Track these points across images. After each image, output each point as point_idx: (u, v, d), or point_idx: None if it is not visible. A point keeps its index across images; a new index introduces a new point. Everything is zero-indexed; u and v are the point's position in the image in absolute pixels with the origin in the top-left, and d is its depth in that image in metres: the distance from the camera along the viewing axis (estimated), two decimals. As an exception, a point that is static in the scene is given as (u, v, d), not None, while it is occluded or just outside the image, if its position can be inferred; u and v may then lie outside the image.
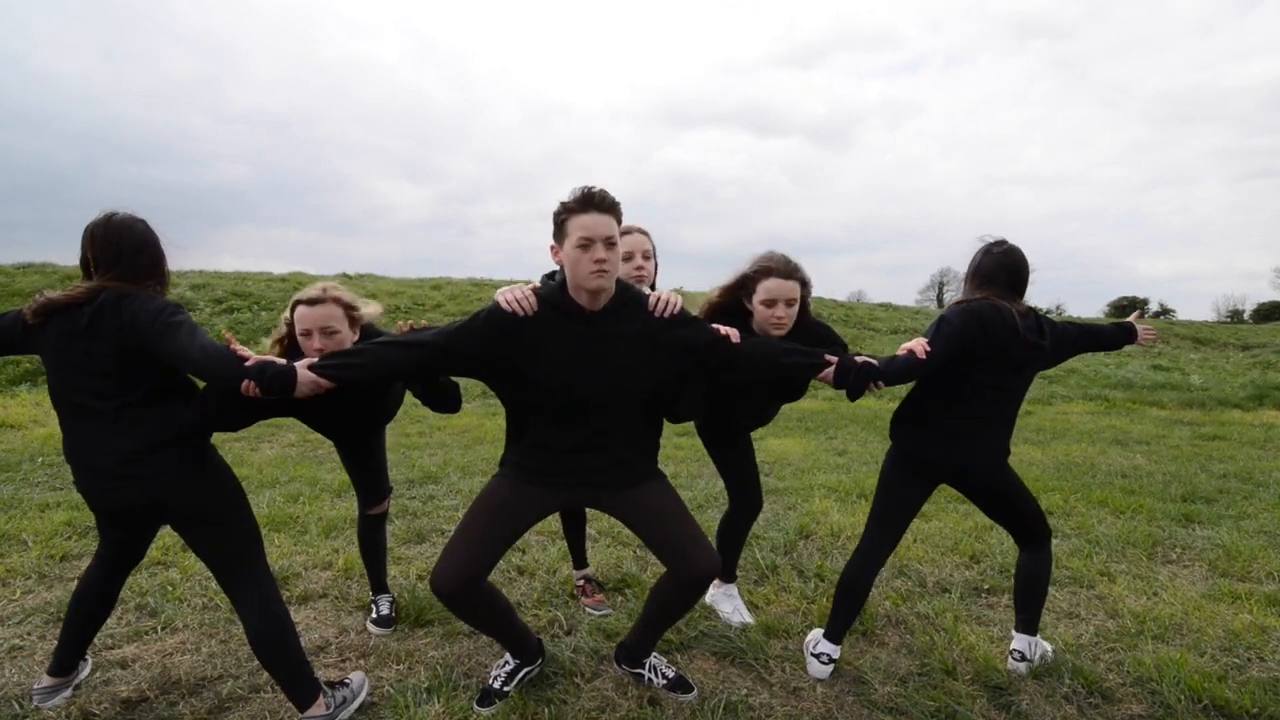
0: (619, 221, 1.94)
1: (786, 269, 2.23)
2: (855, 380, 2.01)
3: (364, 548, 2.70)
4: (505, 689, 2.15)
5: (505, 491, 2.04)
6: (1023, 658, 2.32)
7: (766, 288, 2.21)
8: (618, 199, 1.92)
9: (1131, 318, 2.52)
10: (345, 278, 17.70)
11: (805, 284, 2.28)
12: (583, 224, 1.85)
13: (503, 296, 1.94)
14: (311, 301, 2.08)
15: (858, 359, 2.02)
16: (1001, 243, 2.21)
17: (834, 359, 2.02)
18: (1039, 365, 2.26)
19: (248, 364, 1.72)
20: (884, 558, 2.33)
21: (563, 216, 1.90)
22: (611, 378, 1.96)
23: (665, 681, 2.19)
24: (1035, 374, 2.29)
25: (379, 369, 1.90)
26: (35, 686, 2.08)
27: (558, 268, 2.06)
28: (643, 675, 2.21)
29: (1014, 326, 2.10)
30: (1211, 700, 2.16)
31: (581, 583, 2.88)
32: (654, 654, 2.26)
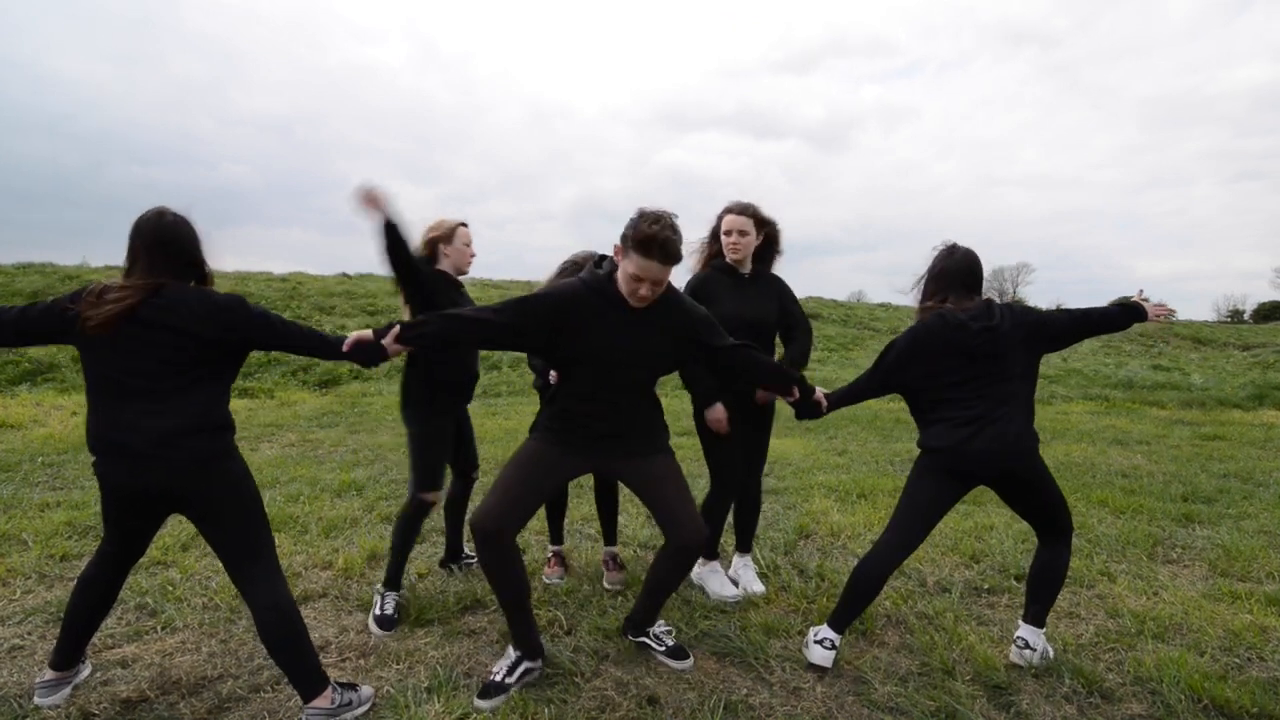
0: (674, 267, 2.13)
1: (739, 207, 2.88)
2: (806, 412, 2.43)
3: (453, 512, 3.11)
4: (507, 682, 2.17)
5: (539, 450, 2.26)
6: (1027, 645, 2.33)
7: (726, 221, 2.87)
8: (682, 251, 2.11)
9: (1135, 297, 2.49)
10: (345, 277, 17.71)
11: (763, 223, 2.91)
12: (643, 266, 2.06)
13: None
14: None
15: (815, 393, 2.41)
16: (956, 247, 2.40)
17: (799, 392, 2.38)
18: (1019, 348, 2.25)
19: (345, 348, 2.04)
20: (902, 558, 2.32)
21: (631, 242, 2.07)
22: (639, 359, 2.22)
23: (664, 649, 2.39)
24: (1026, 356, 2.27)
25: (450, 334, 2.15)
26: (37, 680, 2.09)
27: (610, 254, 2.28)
28: (646, 643, 2.42)
29: (961, 323, 2.25)
30: (1211, 700, 2.16)
31: (607, 558, 3.14)
32: (658, 624, 2.47)
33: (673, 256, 2.06)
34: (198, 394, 1.90)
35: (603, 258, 2.30)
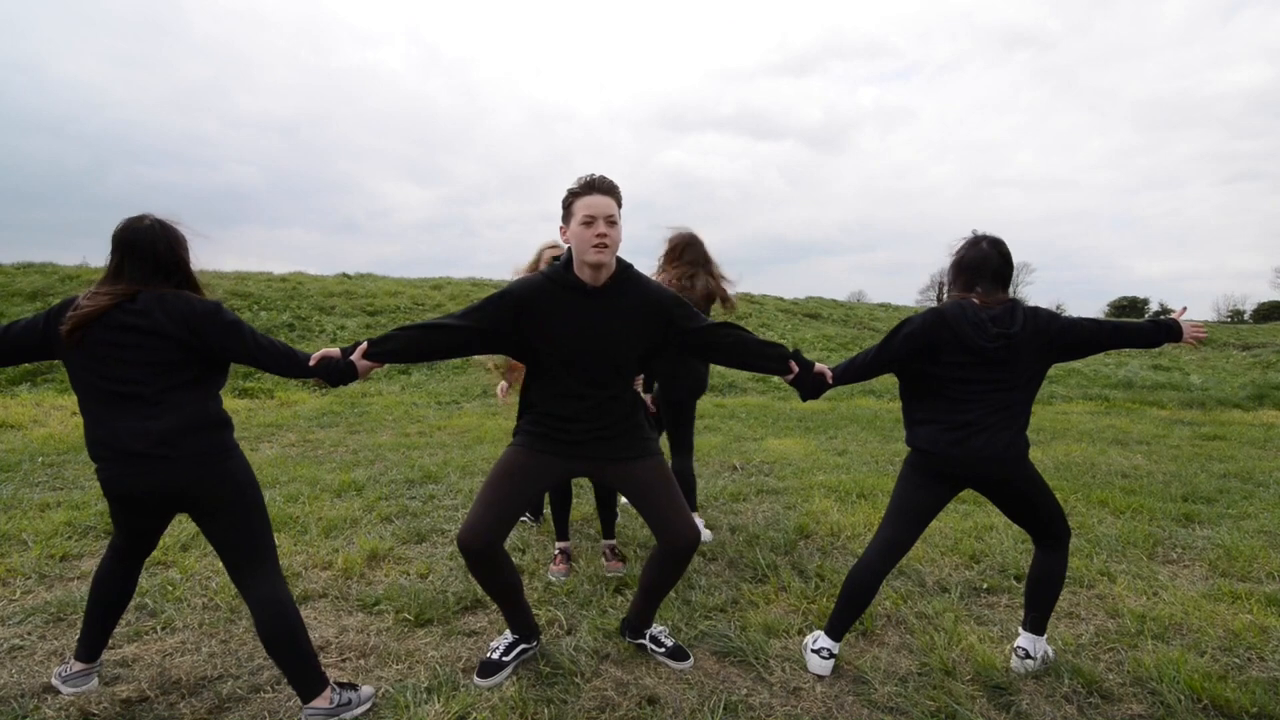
0: (619, 203, 2.12)
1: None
2: (810, 388, 2.31)
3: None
4: (505, 660, 2.25)
5: (519, 459, 2.22)
6: (1027, 655, 2.32)
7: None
8: (617, 183, 2.12)
9: (1176, 314, 2.39)
10: (345, 277, 17.70)
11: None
12: (586, 204, 2.05)
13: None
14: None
15: (816, 367, 2.29)
16: (981, 237, 2.29)
17: (796, 367, 2.27)
18: (1032, 356, 2.19)
19: (311, 363, 1.99)
20: (895, 559, 2.30)
21: (569, 199, 2.11)
22: (609, 347, 2.15)
23: (663, 650, 2.37)
24: (1037, 366, 2.22)
25: (417, 347, 2.11)
26: (65, 671, 2.11)
27: (563, 248, 2.30)
28: (644, 645, 2.41)
29: (980, 320, 2.16)
30: (1211, 700, 2.16)
31: (606, 550, 3.27)
32: (655, 625, 2.47)
33: (607, 185, 2.08)
34: (189, 394, 1.90)
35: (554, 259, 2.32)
